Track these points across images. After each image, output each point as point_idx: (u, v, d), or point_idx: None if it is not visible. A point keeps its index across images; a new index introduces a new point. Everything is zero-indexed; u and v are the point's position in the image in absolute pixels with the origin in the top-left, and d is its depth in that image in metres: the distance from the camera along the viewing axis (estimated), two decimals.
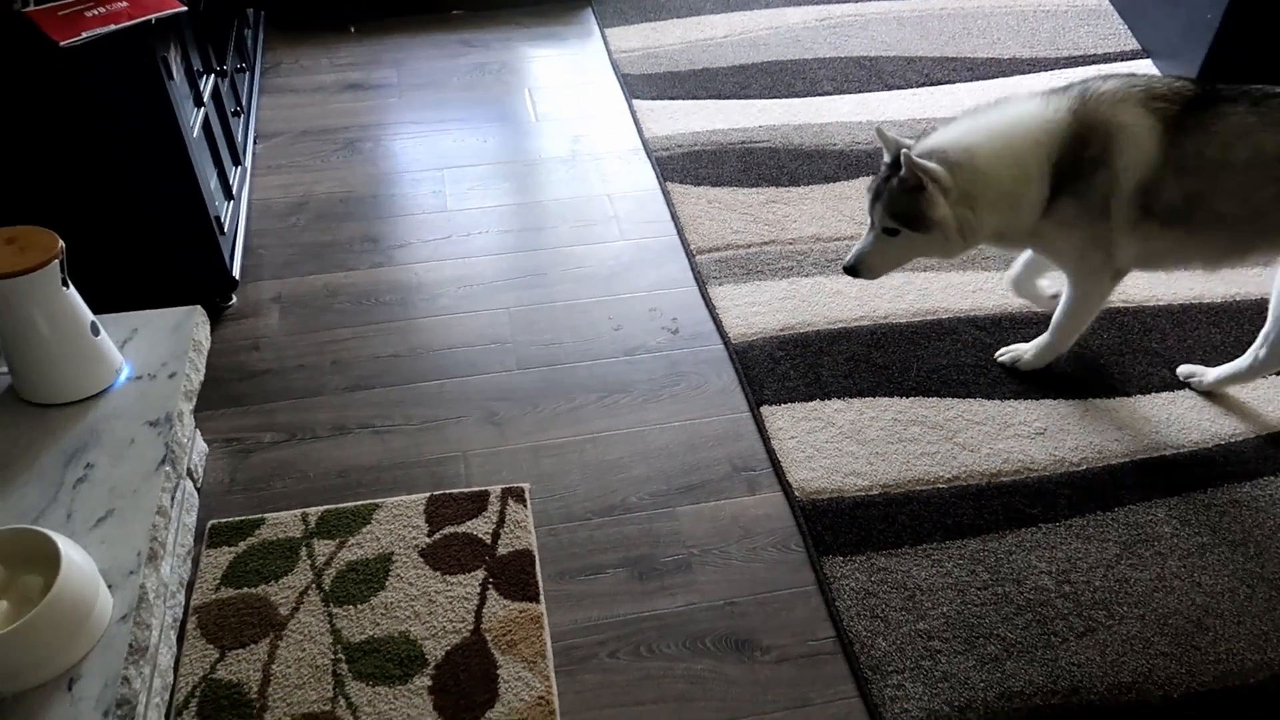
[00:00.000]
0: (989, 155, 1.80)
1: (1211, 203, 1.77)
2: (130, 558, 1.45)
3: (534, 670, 1.64)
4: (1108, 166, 1.77)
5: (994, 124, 1.83)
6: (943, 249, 1.89)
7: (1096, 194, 1.80)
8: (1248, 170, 1.73)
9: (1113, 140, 1.75)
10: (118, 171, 2.08)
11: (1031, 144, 1.79)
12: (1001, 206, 1.83)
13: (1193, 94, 1.76)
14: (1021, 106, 1.84)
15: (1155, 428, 2.08)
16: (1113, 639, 1.69)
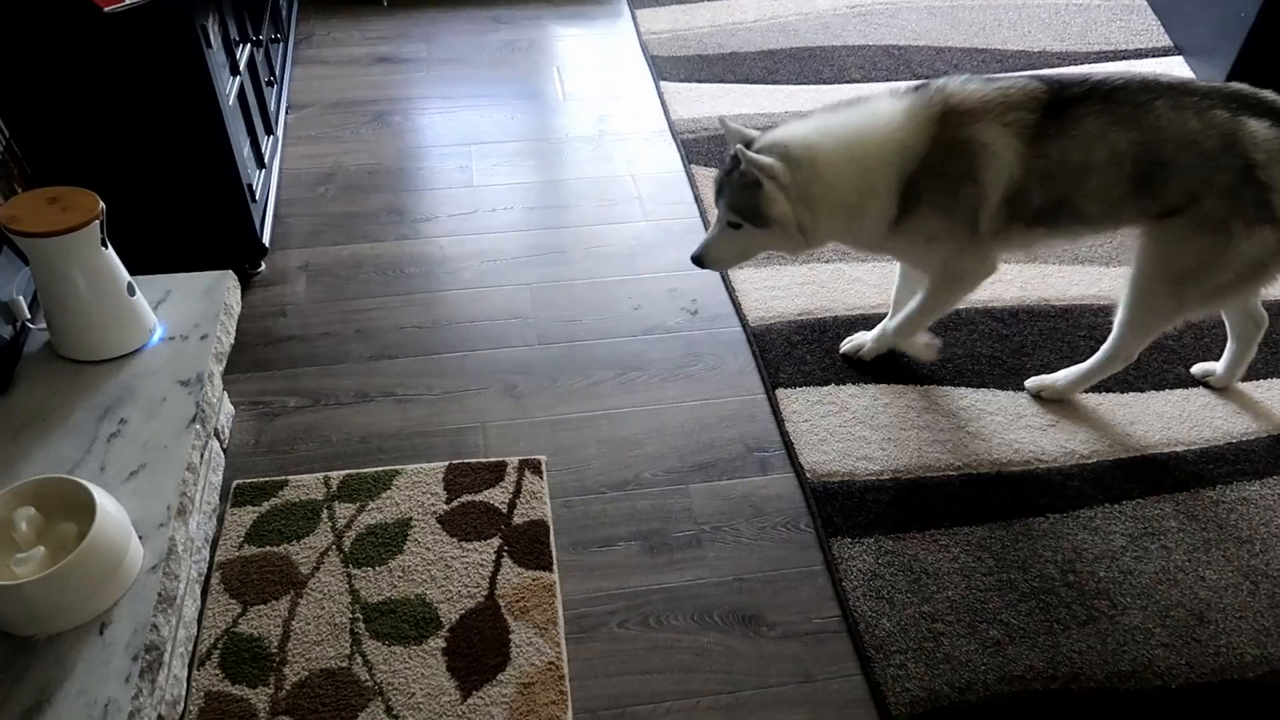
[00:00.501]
0: (832, 160, 1.74)
1: (1075, 203, 1.77)
2: (160, 511, 1.51)
3: (545, 636, 1.68)
4: (975, 182, 1.74)
5: (845, 128, 1.77)
6: (787, 245, 1.85)
7: (963, 209, 1.77)
8: (1106, 169, 1.72)
9: (977, 157, 1.72)
10: (156, 137, 2.13)
11: (881, 161, 1.74)
12: (841, 214, 1.79)
13: (1047, 97, 1.73)
14: (876, 116, 1.76)
15: (1167, 424, 2.10)
16: (1114, 628, 1.72)
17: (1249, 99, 1.70)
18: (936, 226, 1.80)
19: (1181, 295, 1.83)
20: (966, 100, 1.73)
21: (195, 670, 1.61)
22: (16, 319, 1.76)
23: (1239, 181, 1.67)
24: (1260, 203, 1.68)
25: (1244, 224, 1.70)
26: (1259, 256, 1.73)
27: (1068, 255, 2.54)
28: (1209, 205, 1.71)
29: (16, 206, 1.62)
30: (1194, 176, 1.70)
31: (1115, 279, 2.47)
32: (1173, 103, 1.69)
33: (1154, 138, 1.69)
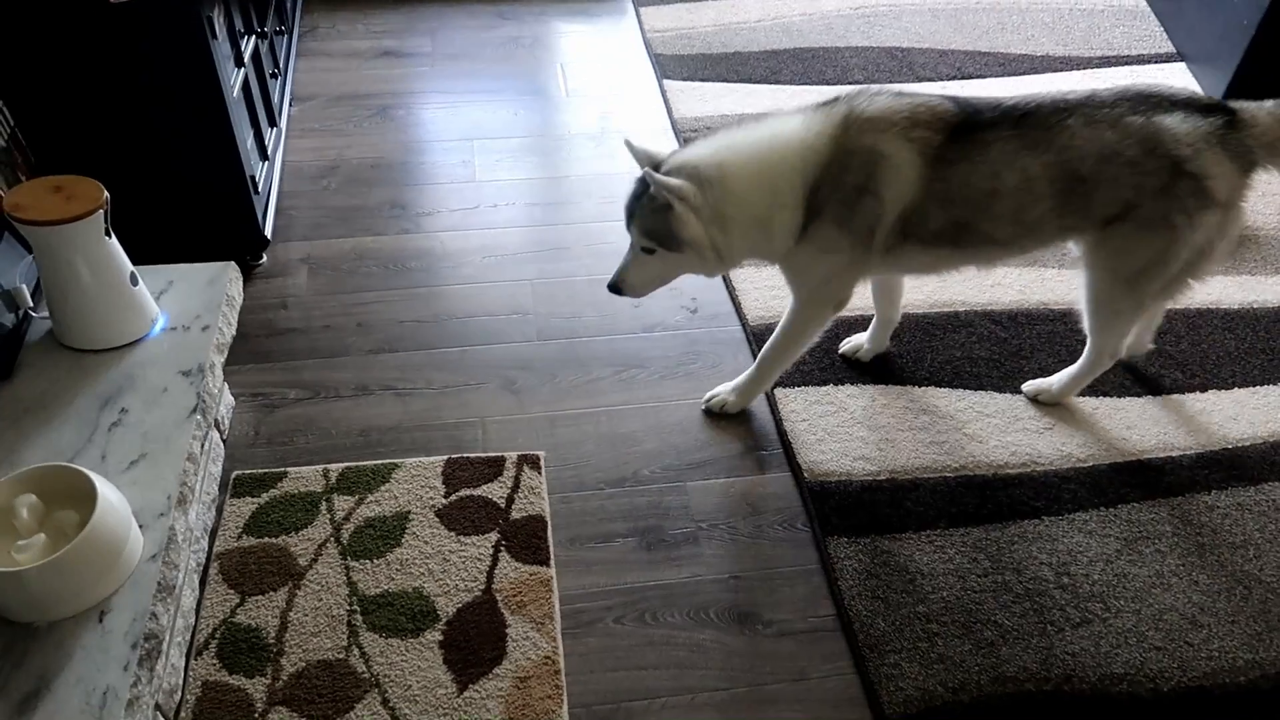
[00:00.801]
0: (742, 176, 1.71)
1: (982, 227, 1.75)
2: (161, 500, 1.51)
3: (541, 631, 1.69)
4: (875, 195, 1.71)
5: (752, 143, 1.74)
6: (702, 268, 1.82)
7: (863, 221, 1.73)
8: (1018, 194, 1.70)
9: (877, 169, 1.69)
10: (160, 127, 2.13)
11: (788, 168, 1.71)
12: (753, 230, 1.75)
13: (956, 119, 1.70)
14: (782, 125, 1.74)
15: (1163, 429, 2.11)
16: (1107, 631, 1.73)
17: (1154, 98, 1.71)
18: (832, 236, 1.75)
19: (1139, 291, 1.84)
20: (871, 110, 1.70)
21: (193, 660, 1.62)
22: (19, 307, 1.77)
23: (1171, 179, 1.68)
24: (1198, 192, 1.69)
25: (1187, 217, 1.71)
26: (1207, 240, 1.76)
27: (1067, 260, 2.55)
28: (1149, 209, 1.71)
29: (21, 195, 1.62)
30: (1124, 186, 1.70)
31: None
32: (1084, 119, 1.69)
33: (1069, 157, 1.68)
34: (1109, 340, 1.99)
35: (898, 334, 2.30)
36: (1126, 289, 1.85)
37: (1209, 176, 1.67)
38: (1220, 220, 1.73)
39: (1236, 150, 1.68)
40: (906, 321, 2.34)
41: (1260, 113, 1.70)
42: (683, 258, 1.77)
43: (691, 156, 1.73)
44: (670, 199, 1.67)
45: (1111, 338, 1.98)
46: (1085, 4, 3.76)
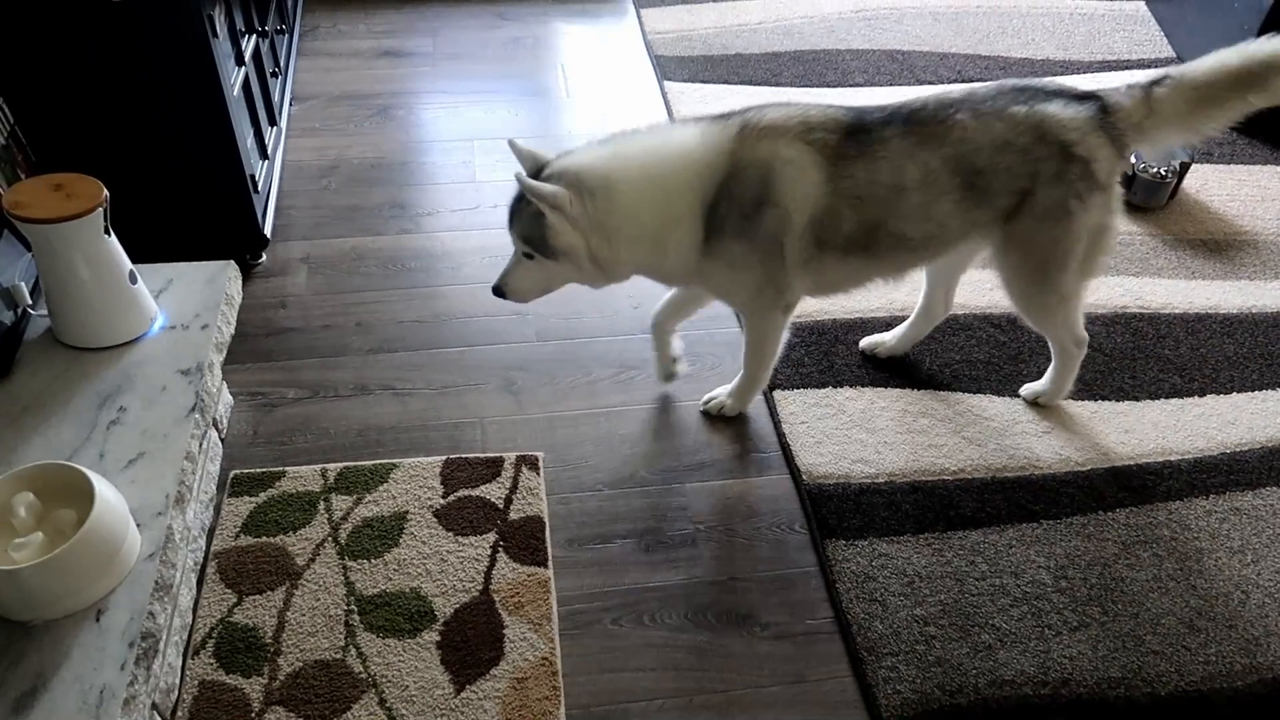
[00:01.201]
0: (631, 189, 1.67)
1: (892, 227, 1.75)
2: (159, 499, 1.51)
3: (539, 632, 1.69)
4: (776, 205, 1.68)
5: (643, 154, 1.70)
6: (584, 278, 1.76)
7: (767, 234, 1.71)
8: (923, 188, 1.71)
9: (777, 178, 1.67)
10: (160, 126, 2.13)
11: (683, 185, 1.67)
12: (644, 246, 1.71)
13: (850, 121, 1.71)
14: (676, 138, 1.71)
15: (1162, 433, 2.11)
16: (1105, 635, 1.73)
17: (1030, 89, 1.75)
18: (740, 252, 1.73)
19: (1055, 282, 1.86)
20: (765, 120, 1.69)
21: (190, 659, 1.62)
22: (18, 305, 1.77)
23: (1062, 164, 1.72)
24: (1086, 175, 1.73)
25: (1079, 200, 1.74)
26: (1099, 221, 1.79)
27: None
28: (1043, 195, 1.74)
29: (20, 192, 1.62)
30: (1019, 174, 1.73)
31: (1113, 287, 2.48)
32: (971, 113, 1.72)
33: (965, 149, 1.71)
34: (1061, 331, 2.00)
35: None
36: (1043, 282, 1.86)
37: (1095, 159, 1.73)
38: (1106, 200, 1.78)
39: (1112, 133, 1.74)
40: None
41: (1122, 97, 1.75)
42: (561, 266, 1.72)
43: (576, 163, 1.68)
44: (543, 207, 1.62)
45: (1061, 328, 1.99)
46: (1086, 8, 3.77)
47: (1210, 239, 2.67)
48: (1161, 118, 1.75)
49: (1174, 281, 2.51)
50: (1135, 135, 1.76)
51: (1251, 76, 1.69)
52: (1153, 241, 2.65)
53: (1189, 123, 1.76)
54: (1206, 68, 1.72)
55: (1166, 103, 1.73)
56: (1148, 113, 1.74)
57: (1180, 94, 1.73)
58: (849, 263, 1.80)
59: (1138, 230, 2.68)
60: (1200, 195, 2.82)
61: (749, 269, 1.76)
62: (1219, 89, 1.71)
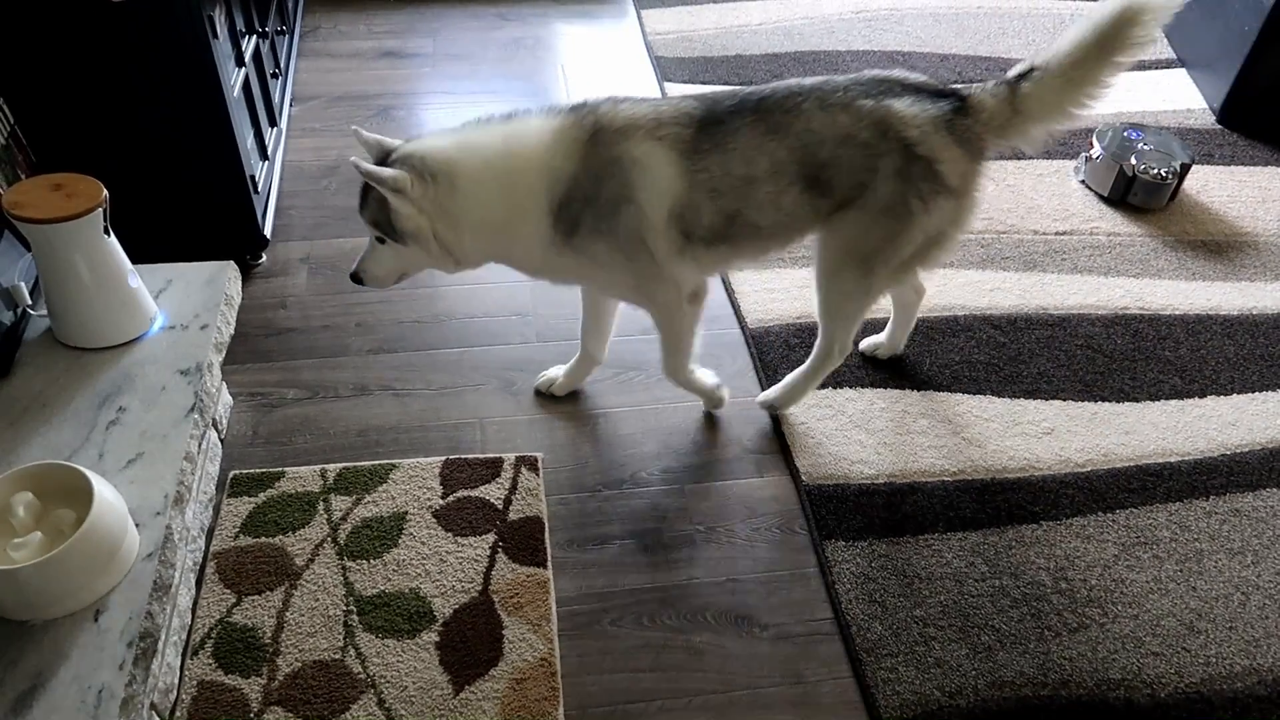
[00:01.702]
0: (474, 177, 1.65)
1: (748, 216, 1.73)
2: (158, 499, 1.51)
3: (538, 632, 1.69)
4: (632, 203, 1.67)
5: (491, 144, 1.67)
6: (436, 262, 1.74)
7: (627, 231, 1.69)
8: (771, 178, 1.70)
9: (630, 174, 1.65)
10: (160, 126, 2.13)
11: (530, 178, 1.66)
12: (488, 233, 1.70)
13: (700, 113, 1.69)
14: (527, 133, 1.68)
15: (1163, 434, 2.11)
16: (1105, 636, 1.72)
17: (884, 83, 1.72)
18: (602, 250, 1.71)
19: (870, 275, 1.82)
20: (617, 119, 1.67)
21: (188, 659, 1.62)
22: (18, 305, 1.77)
23: (903, 162, 1.68)
24: (930, 175, 1.69)
25: (921, 201, 1.71)
26: (940, 226, 1.76)
27: (1066, 264, 2.55)
28: (881, 190, 1.71)
29: (20, 192, 1.62)
30: (858, 168, 1.70)
31: (1113, 288, 2.48)
32: (818, 103, 1.69)
33: (809, 140, 1.68)
34: (839, 331, 1.95)
35: None
36: (858, 269, 1.82)
37: (940, 160, 1.68)
38: (955, 207, 1.74)
39: (965, 136, 1.69)
40: None
41: (984, 96, 1.71)
42: (411, 250, 1.70)
43: (422, 147, 1.66)
44: (384, 191, 1.61)
45: (842, 328, 1.95)
46: (1087, 9, 3.74)
47: (1211, 240, 2.67)
48: (1031, 113, 1.70)
49: (1174, 283, 2.51)
50: (998, 136, 1.72)
51: (1110, 39, 1.63)
52: (1153, 243, 2.64)
53: (1064, 108, 1.71)
54: (1068, 49, 1.65)
55: (1034, 97, 1.68)
56: (1013, 112, 1.70)
57: (1049, 85, 1.67)
58: (716, 251, 1.78)
59: (1138, 231, 2.68)
60: (1201, 196, 2.82)
61: (619, 267, 1.75)
62: (1085, 65, 1.65)
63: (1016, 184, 2.84)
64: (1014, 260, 2.56)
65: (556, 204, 1.67)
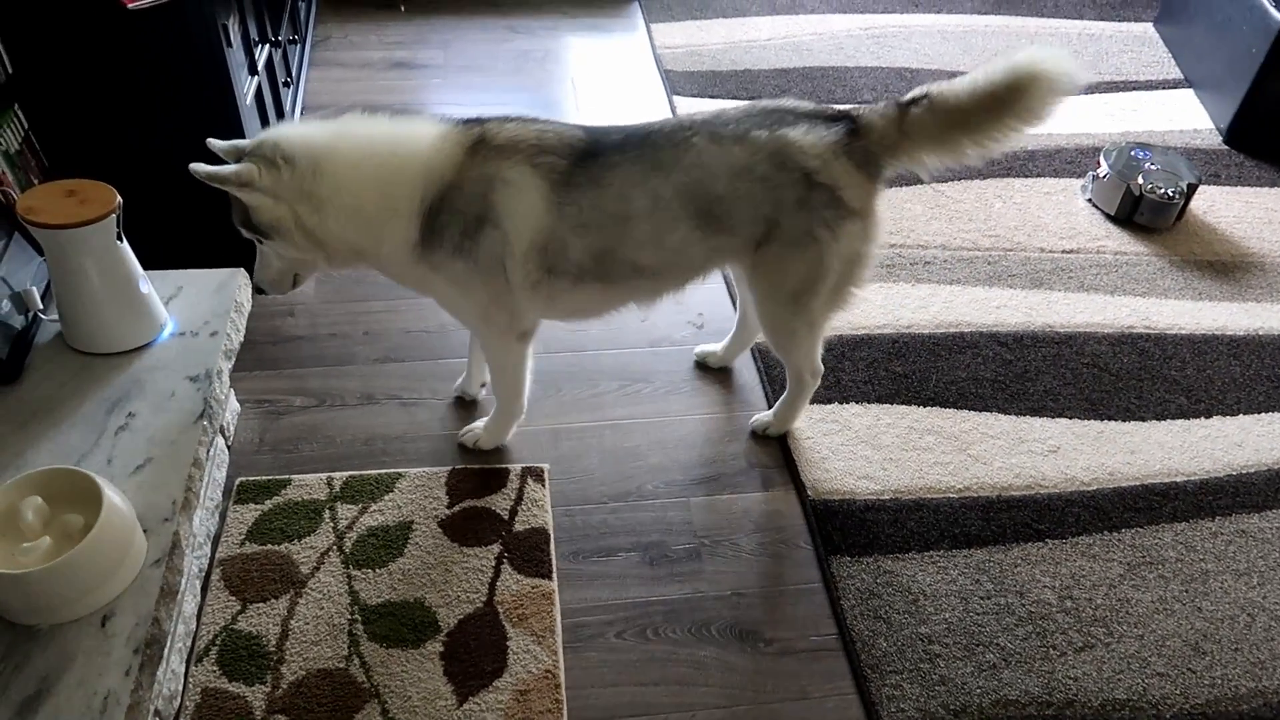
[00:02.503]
0: (347, 161, 1.59)
1: (626, 255, 1.69)
2: (165, 505, 1.51)
3: (542, 644, 1.69)
4: (496, 227, 1.62)
5: (373, 135, 1.63)
6: (305, 255, 1.66)
7: (487, 254, 1.64)
8: (653, 217, 1.65)
9: (497, 199, 1.60)
10: (173, 133, 2.14)
11: (408, 176, 1.61)
12: (354, 223, 1.62)
13: (584, 146, 1.64)
14: (413, 133, 1.64)
15: (1168, 453, 2.10)
16: (1110, 656, 1.72)
17: (776, 112, 1.69)
18: (461, 270, 1.66)
19: (805, 309, 1.81)
20: (500, 136, 1.62)
21: (193, 666, 1.62)
22: (29, 309, 1.77)
23: (805, 192, 1.65)
24: (833, 203, 1.67)
25: (828, 229, 1.69)
26: (854, 248, 1.73)
27: (1073, 282, 2.55)
28: (789, 224, 1.68)
29: (34, 198, 1.63)
30: (762, 202, 1.66)
31: (1120, 307, 2.48)
32: (710, 137, 1.65)
33: (701, 175, 1.64)
34: (802, 360, 1.95)
35: (903, 353, 2.30)
36: (792, 308, 1.81)
37: (841, 186, 1.66)
38: (862, 228, 1.72)
39: (862, 158, 1.67)
40: (911, 341, 2.34)
41: (874, 117, 1.68)
42: (283, 245, 1.64)
43: (277, 133, 1.60)
44: (228, 189, 1.56)
45: (802, 357, 1.94)
46: (1094, 29, 3.78)
47: (1217, 260, 2.67)
48: (915, 140, 1.67)
49: (1181, 302, 2.51)
50: (890, 157, 1.69)
51: (999, 99, 1.60)
52: (1159, 262, 2.65)
53: (950, 146, 1.67)
54: (959, 92, 1.62)
55: (918, 125, 1.65)
56: (900, 135, 1.67)
57: (934, 116, 1.64)
58: (584, 290, 1.73)
59: (1144, 251, 2.69)
60: (1207, 217, 2.82)
61: (473, 289, 1.70)
62: (974, 113, 1.62)
63: (1023, 202, 2.85)
64: (1020, 278, 2.57)
65: (428, 209, 1.61)
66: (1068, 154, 3.06)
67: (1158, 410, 2.21)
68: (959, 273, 2.57)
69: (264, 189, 1.56)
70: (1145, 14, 3.89)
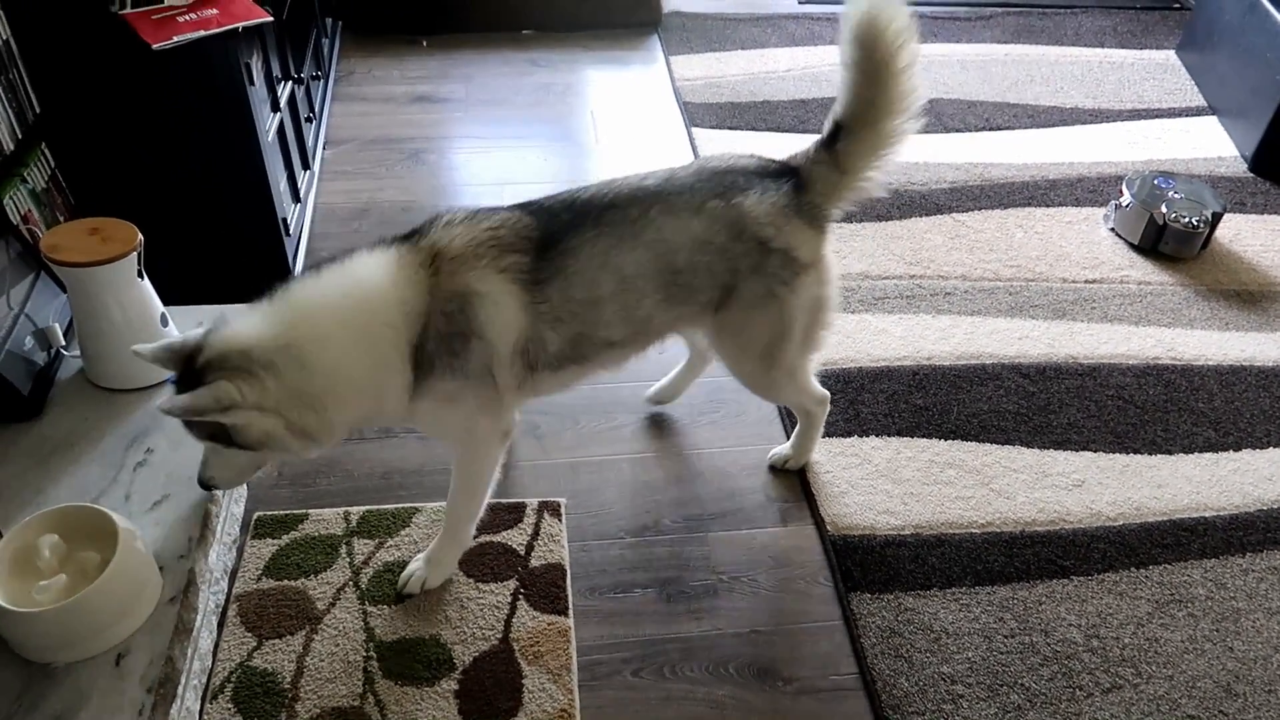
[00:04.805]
0: (330, 343, 1.43)
1: (598, 335, 1.66)
2: (182, 541, 1.52)
3: (558, 683, 1.67)
4: (481, 338, 1.53)
5: (334, 302, 1.46)
6: (296, 452, 1.48)
7: (476, 365, 1.55)
8: (620, 295, 1.62)
9: (476, 312, 1.51)
10: (196, 170, 2.18)
11: (386, 326, 1.47)
12: (359, 398, 1.49)
13: (539, 234, 1.57)
14: (367, 276, 1.49)
15: (1196, 488, 2.06)
16: (1139, 698, 1.68)
17: (726, 174, 1.68)
18: (454, 389, 1.56)
19: (777, 363, 1.80)
20: (454, 245, 1.52)
21: (208, 703, 1.61)
22: (51, 345, 1.80)
23: (761, 258, 1.66)
24: (788, 263, 1.68)
25: (786, 286, 1.69)
26: (813, 295, 1.74)
27: (1097, 313, 2.52)
28: (747, 288, 1.68)
29: (58, 235, 1.66)
30: (721, 270, 1.66)
31: (1145, 338, 2.45)
32: (665, 208, 1.62)
33: (662, 250, 1.62)
34: (798, 398, 1.95)
35: (923, 385, 2.28)
36: (766, 364, 1.81)
37: (794, 247, 1.67)
38: (816, 276, 1.73)
39: (811, 214, 1.69)
40: (932, 373, 2.32)
41: (812, 168, 1.70)
42: (274, 453, 1.47)
43: (238, 340, 1.39)
44: (211, 418, 1.36)
45: (798, 396, 1.94)
46: (1115, 57, 3.76)
47: (1244, 290, 2.63)
48: (855, 169, 1.68)
49: (1207, 333, 2.48)
50: (834, 201, 1.71)
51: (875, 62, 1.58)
52: (1185, 292, 2.61)
53: (882, 143, 1.68)
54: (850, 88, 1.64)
55: (852, 153, 1.67)
56: (841, 174, 1.68)
57: (856, 134, 1.66)
58: (563, 374, 1.70)
59: (1170, 280, 2.65)
60: (1233, 245, 2.79)
61: (464, 402, 1.60)
62: (875, 96, 1.62)
63: (1045, 231, 2.82)
64: (1043, 309, 2.54)
65: (415, 343, 1.49)
66: (1090, 183, 3.04)
67: (1185, 443, 2.17)
68: (980, 304, 2.55)
69: (249, 405, 1.37)
70: (1167, 41, 3.87)
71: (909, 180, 3.00)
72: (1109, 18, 4.06)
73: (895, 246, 2.73)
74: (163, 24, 1.99)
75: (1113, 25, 4.00)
